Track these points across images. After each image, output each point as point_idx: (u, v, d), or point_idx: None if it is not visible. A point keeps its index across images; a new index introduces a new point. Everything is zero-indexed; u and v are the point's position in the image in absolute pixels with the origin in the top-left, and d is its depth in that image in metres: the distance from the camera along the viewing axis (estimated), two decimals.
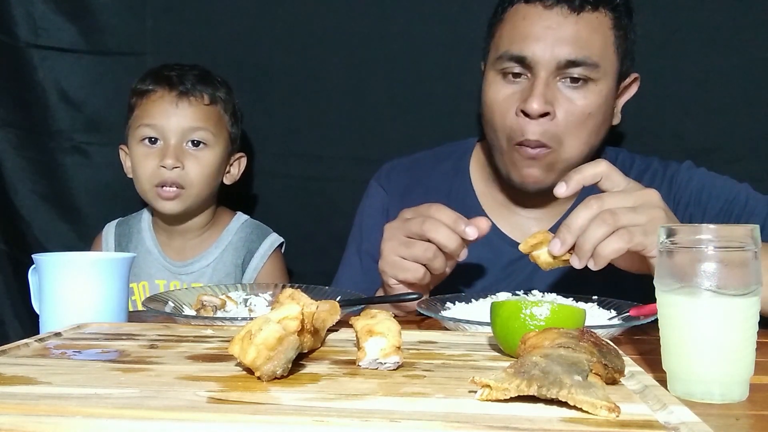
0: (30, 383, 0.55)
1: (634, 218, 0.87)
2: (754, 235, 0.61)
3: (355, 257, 1.29)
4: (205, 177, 1.35)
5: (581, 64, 1.05)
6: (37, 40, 1.51)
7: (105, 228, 1.48)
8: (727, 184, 1.15)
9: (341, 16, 1.49)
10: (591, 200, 0.89)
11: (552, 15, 1.06)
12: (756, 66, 1.36)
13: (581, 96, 1.07)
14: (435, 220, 0.97)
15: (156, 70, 1.37)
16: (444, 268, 1.00)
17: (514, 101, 1.08)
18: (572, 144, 1.08)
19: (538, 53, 1.05)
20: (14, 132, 1.54)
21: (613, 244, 0.86)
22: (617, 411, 0.47)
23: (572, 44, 1.05)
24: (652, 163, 1.22)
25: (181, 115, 1.33)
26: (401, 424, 0.45)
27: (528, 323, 0.67)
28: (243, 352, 0.56)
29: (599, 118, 1.10)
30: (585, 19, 1.06)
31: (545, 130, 1.06)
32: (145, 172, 1.34)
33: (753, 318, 0.60)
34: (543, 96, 1.05)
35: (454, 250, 0.97)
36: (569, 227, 0.88)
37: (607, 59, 1.08)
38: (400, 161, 1.34)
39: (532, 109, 1.05)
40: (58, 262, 0.88)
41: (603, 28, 1.08)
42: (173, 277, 1.41)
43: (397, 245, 1.00)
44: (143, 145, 1.34)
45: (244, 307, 1.00)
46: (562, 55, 1.05)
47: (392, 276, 1.01)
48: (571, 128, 1.07)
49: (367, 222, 1.30)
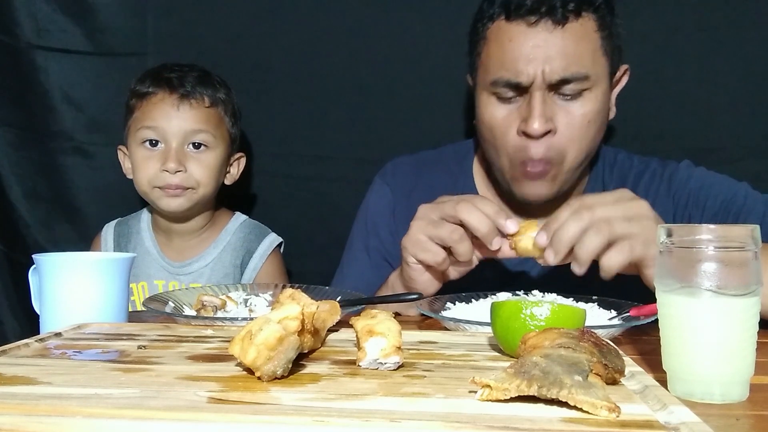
0: (30, 383, 0.55)
1: (628, 228, 0.88)
2: (754, 235, 0.61)
3: (362, 253, 1.28)
4: (209, 178, 1.35)
5: (573, 80, 1.04)
6: (39, 41, 1.51)
7: (104, 228, 1.48)
8: (726, 182, 1.15)
9: (341, 17, 1.49)
10: (581, 210, 0.90)
11: (537, 32, 1.03)
12: (756, 66, 1.36)
13: (579, 106, 1.06)
14: (470, 204, 0.96)
15: (155, 71, 1.37)
16: (469, 256, 0.98)
17: (513, 120, 1.07)
18: (575, 154, 1.08)
19: (531, 75, 1.03)
20: (15, 132, 1.54)
21: (616, 257, 0.88)
22: (617, 411, 0.47)
23: (562, 60, 1.03)
24: (651, 163, 1.22)
25: (183, 118, 1.33)
26: (401, 424, 0.45)
27: (528, 323, 0.67)
28: (243, 352, 0.56)
29: (599, 122, 1.09)
30: (570, 30, 1.03)
31: (549, 147, 1.06)
32: (147, 175, 1.34)
33: (753, 318, 0.60)
34: (543, 115, 1.03)
35: (485, 234, 0.95)
36: (561, 238, 0.90)
37: (597, 65, 1.06)
38: (404, 159, 1.33)
39: (534, 129, 1.03)
40: (58, 262, 0.88)
41: (589, 34, 1.05)
42: (172, 277, 1.41)
43: (425, 224, 0.99)
44: (144, 147, 1.34)
45: (244, 308, 1.00)
46: (553, 74, 1.03)
47: (412, 254, 1.00)
48: (574, 139, 1.07)
49: (373, 220, 1.29)
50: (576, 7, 1.03)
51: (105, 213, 1.53)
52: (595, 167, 1.22)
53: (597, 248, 0.88)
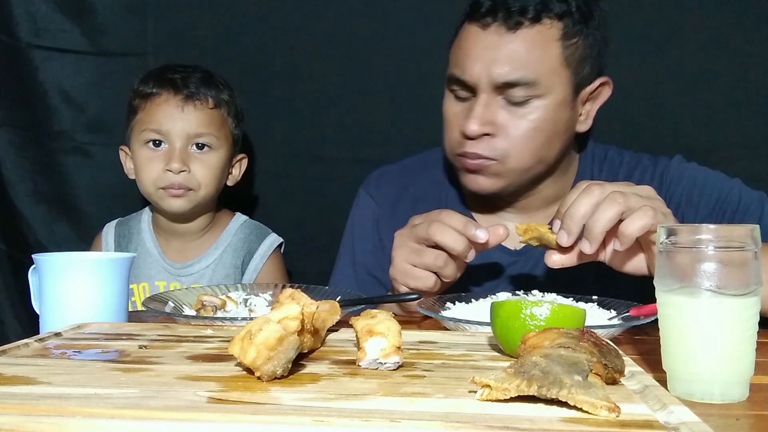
0: (30, 383, 0.55)
1: (643, 201, 0.86)
2: (754, 235, 0.61)
3: (348, 268, 1.29)
4: (211, 179, 1.36)
5: (517, 84, 1.04)
6: (39, 41, 1.51)
7: (104, 228, 1.48)
8: (719, 179, 1.14)
9: (341, 17, 1.49)
10: (591, 186, 0.89)
11: (489, 35, 1.04)
12: (756, 66, 1.36)
13: (524, 113, 1.06)
14: (441, 224, 0.97)
15: (158, 71, 1.37)
16: (455, 276, 1.01)
17: (460, 119, 1.09)
18: (518, 156, 1.08)
19: (476, 75, 1.05)
20: (15, 132, 1.55)
21: (638, 221, 0.85)
22: (617, 411, 0.47)
23: (508, 64, 1.03)
24: (642, 160, 1.21)
25: (187, 120, 1.33)
26: (401, 424, 0.45)
27: (528, 323, 0.67)
28: (243, 352, 0.56)
29: (549, 131, 1.08)
30: (522, 36, 1.03)
31: (484, 147, 1.07)
32: (150, 175, 1.34)
33: (753, 318, 0.60)
34: (480, 118, 1.05)
35: (461, 252, 0.97)
36: (572, 215, 0.88)
37: (552, 73, 1.05)
38: (388, 169, 1.33)
39: (469, 130, 1.05)
40: (58, 262, 0.88)
41: (545, 42, 1.04)
42: (173, 278, 1.41)
43: (408, 253, 1.00)
44: (147, 148, 1.34)
45: (244, 307, 1.00)
46: (498, 77, 1.03)
47: (403, 283, 1.01)
48: (515, 144, 1.07)
49: (358, 233, 1.30)
50: (535, 14, 1.04)
51: (105, 213, 1.53)
52: (582, 165, 1.21)
53: (612, 218, 0.85)
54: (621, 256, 0.93)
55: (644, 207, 0.86)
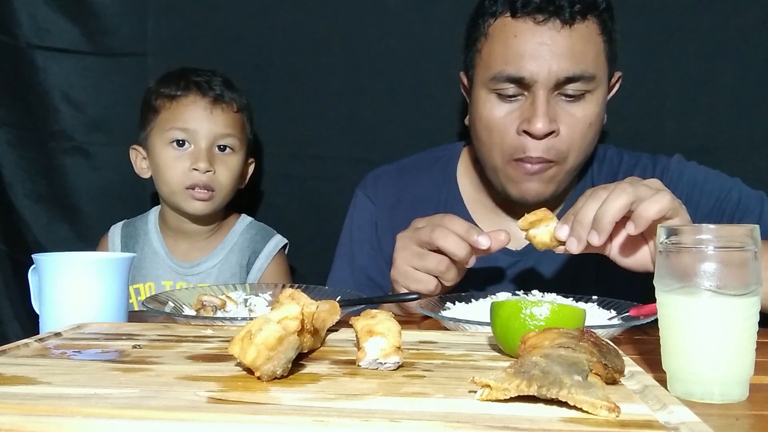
0: (30, 383, 0.55)
1: (653, 191, 0.85)
2: (754, 235, 0.61)
3: (346, 271, 1.28)
4: (231, 181, 1.39)
5: (579, 78, 1.03)
6: (39, 41, 1.51)
7: (111, 229, 1.49)
8: (719, 179, 1.14)
9: (341, 17, 1.49)
10: (597, 191, 0.88)
11: (545, 30, 1.02)
12: (756, 66, 1.36)
13: (581, 108, 1.05)
14: (444, 229, 0.96)
15: (178, 73, 1.38)
16: (456, 280, 1.00)
17: (513, 120, 1.06)
18: (575, 156, 1.08)
19: (536, 72, 1.02)
20: (15, 132, 1.54)
21: (656, 204, 0.83)
22: (617, 411, 0.47)
23: (569, 59, 1.02)
24: (641, 159, 1.21)
25: (214, 121, 1.35)
26: (401, 424, 0.45)
27: (528, 323, 0.67)
28: (243, 352, 0.56)
29: (598, 126, 1.09)
30: (577, 31, 1.03)
31: (549, 148, 1.05)
32: (176, 175, 1.35)
33: (753, 318, 0.60)
34: (547, 115, 1.02)
35: (463, 258, 0.97)
36: (581, 221, 0.87)
37: (600, 68, 1.06)
38: (385, 169, 1.32)
39: (538, 129, 1.02)
40: (58, 262, 0.88)
41: (593, 36, 1.05)
42: (180, 278, 1.42)
43: (410, 256, 1.00)
44: (172, 147, 1.35)
45: (244, 307, 1.00)
46: (560, 72, 1.02)
47: (404, 286, 1.01)
48: (575, 142, 1.06)
49: (356, 236, 1.29)
50: (582, 10, 1.03)
51: (104, 213, 1.53)
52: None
53: (621, 207, 0.84)
54: (625, 250, 0.92)
55: (662, 191, 0.84)
